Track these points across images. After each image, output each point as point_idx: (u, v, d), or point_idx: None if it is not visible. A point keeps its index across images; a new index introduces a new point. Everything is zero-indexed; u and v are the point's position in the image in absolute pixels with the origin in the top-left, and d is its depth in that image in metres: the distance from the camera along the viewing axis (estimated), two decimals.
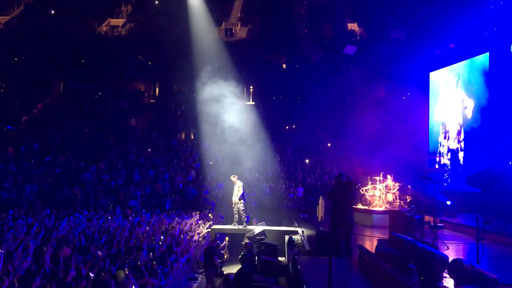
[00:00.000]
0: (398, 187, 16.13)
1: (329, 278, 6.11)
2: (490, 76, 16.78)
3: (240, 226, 15.25)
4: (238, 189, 15.19)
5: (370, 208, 15.79)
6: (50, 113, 31.60)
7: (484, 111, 16.97)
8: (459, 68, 18.80)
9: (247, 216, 18.01)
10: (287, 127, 30.79)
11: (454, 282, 6.54)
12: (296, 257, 9.84)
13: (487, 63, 16.94)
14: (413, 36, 21.41)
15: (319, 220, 15.68)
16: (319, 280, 7.21)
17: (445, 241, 10.69)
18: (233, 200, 15.32)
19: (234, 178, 15.44)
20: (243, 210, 15.21)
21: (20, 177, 22.34)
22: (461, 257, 7.62)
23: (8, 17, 36.36)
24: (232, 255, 14.10)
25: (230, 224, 15.77)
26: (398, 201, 15.90)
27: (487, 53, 17.01)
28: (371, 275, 7.72)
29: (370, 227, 14.72)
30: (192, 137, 29.52)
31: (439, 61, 20.13)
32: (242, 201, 15.15)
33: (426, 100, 21.00)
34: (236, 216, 15.31)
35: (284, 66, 33.89)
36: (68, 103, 32.59)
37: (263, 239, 13.92)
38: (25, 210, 18.19)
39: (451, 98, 19.20)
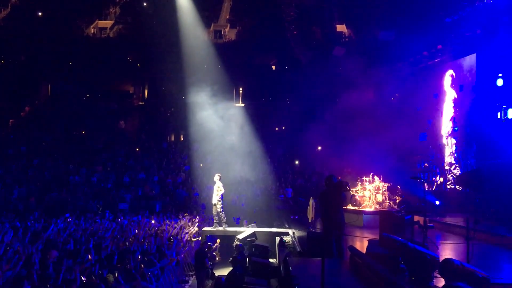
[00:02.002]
0: (386, 188, 16.18)
1: (322, 279, 6.10)
2: (476, 77, 16.93)
3: (220, 228, 15.13)
4: (218, 189, 14.99)
5: (360, 209, 15.81)
6: (37, 116, 31.34)
7: (473, 110, 17.10)
8: (447, 69, 18.95)
9: (237, 218, 18.00)
10: (276, 129, 30.81)
11: (445, 282, 6.56)
12: (287, 258, 9.83)
13: (475, 64, 17.09)
14: (401, 37, 21.53)
15: (310, 221, 15.66)
16: (311, 281, 7.20)
17: (435, 241, 10.74)
18: (213, 202, 15.09)
19: (217, 177, 15.22)
20: (221, 211, 15.05)
21: (8, 180, 22.11)
22: (451, 256, 7.65)
23: None
24: (223, 257, 14.06)
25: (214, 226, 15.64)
26: (387, 201, 15.94)
27: (474, 54, 17.16)
28: (363, 275, 7.73)
29: (360, 228, 14.74)
30: (182, 139, 29.43)
31: (427, 62, 20.27)
32: (220, 202, 14.99)
33: (414, 100, 21.13)
34: (216, 217, 15.18)
35: (274, 67, 33.94)
36: (56, 106, 32.34)
37: (254, 240, 13.90)
38: (13, 213, 18.00)
39: (439, 98, 19.35)
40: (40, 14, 36.02)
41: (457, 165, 17.65)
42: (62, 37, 33.02)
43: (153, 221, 16.98)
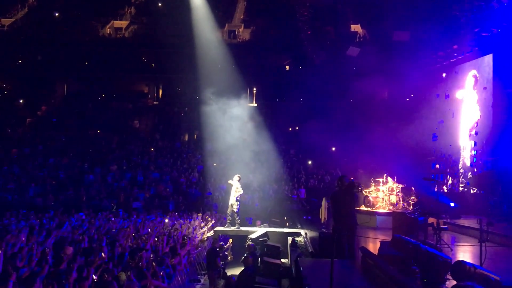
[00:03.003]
0: (400, 189, 16.05)
1: (331, 280, 6.09)
2: (493, 77, 16.73)
3: (233, 228, 15.26)
4: (236, 190, 15.19)
5: (373, 210, 15.71)
6: (53, 115, 31.71)
7: (489, 113, 16.91)
8: (462, 69, 18.77)
9: (250, 218, 18.03)
10: (290, 129, 30.76)
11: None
12: (298, 259, 9.82)
13: (491, 64, 16.88)
14: (416, 37, 21.36)
15: (322, 222, 15.63)
16: (322, 282, 7.19)
17: (449, 243, 10.64)
18: (230, 202, 15.31)
19: (237, 178, 15.37)
20: (237, 212, 15.24)
21: (24, 178, 22.40)
22: (464, 259, 7.58)
23: (12, 19, 36.50)
24: (235, 256, 14.09)
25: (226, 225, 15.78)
26: (401, 202, 15.81)
27: (491, 55, 16.96)
28: (374, 277, 7.69)
29: (373, 229, 14.65)
30: (195, 139, 29.55)
31: (442, 62, 20.09)
32: (237, 203, 15.19)
33: (430, 101, 20.96)
34: (230, 217, 15.33)
35: (287, 67, 33.89)
36: (71, 105, 32.69)
37: (266, 240, 13.92)
38: (28, 211, 18.22)
39: (456, 99, 19.17)
40: (56, 14, 36.44)
41: (475, 169, 17.44)
42: (78, 37, 33.36)
43: (166, 220, 17.08)
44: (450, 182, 18.44)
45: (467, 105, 18.36)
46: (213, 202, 21.54)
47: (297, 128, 30.30)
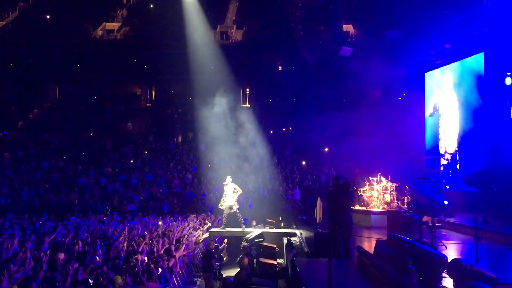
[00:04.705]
0: (394, 188, 16.11)
1: (329, 280, 6.09)
2: (484, 76, 16.81)
3: (239, 229, 15.10)
4: (234, 190, 14.85)
5: (368, 209, 15.75)
6: (46, 118, 31.54)
7: (478, 110, 17.00)
8: (454, 69, 18.84)
9: (245, 219, 17.98)
10: (284, 129, 30.78)
11: (454, 282, 6.52)
12: (294, 259, 9.81)
13: (482, 63, 16.96)
14: (408, 36, 21.45)
15: (317, 221, 15.62)
16: (318, 281, 7.19)
17: (444, 241, 10.67)
18: (230, 203, 14.72)
19: (230, 179, 15.13)
20: (238, 212, 14.96)
21: (17, 182, 22.25)
22: (460, 257, 7.61)
23: (3, 22, 36.30)
24: (231, 257, 14.06)
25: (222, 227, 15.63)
26: (395, 201, 15.87)
27: (482, 53, 17.04)
28: (370, 276, 7.70)
29: (368, 228, 14.68)
30: (189, 140, 29.50)
31: (434, 61, 20.17)
32: (237, 203, 14.90)
33: (422, 100, 21.03)
34: (226, 219, 15.05)
35: (280, 68, 33.92)
36: (64, 108, 32.53)
37: (261, 241, 13.88)
38: (22, 215, 18.09)
39: (445, 99, 19.26)
40: (48, 17, 36.24)
41: (460, 165, 17.58)
42: (69, 40, 33.21)
43: (160, 222, 17.02)
44: (444, 180, 18.51)
45: (457, 104, 18.46)
46: (209, 204, 21.47)
47: (290, 128, 30.33)
